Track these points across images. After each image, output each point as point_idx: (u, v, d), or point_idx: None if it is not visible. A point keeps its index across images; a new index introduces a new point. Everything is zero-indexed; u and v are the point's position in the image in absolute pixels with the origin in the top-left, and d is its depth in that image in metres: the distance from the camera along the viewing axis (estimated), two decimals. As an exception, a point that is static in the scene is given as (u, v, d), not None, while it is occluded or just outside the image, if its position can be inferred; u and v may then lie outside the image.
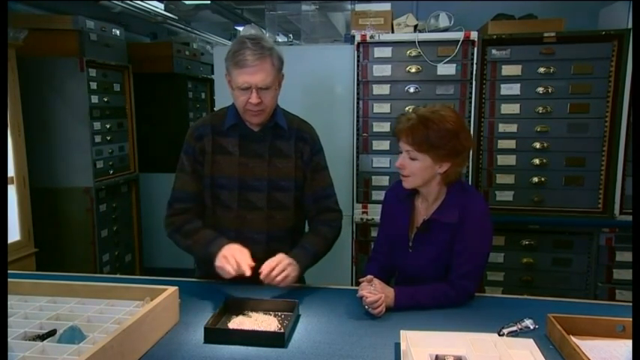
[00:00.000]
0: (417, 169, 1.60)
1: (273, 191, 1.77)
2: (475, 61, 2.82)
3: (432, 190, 1.66)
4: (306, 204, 1.86)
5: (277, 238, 1.80)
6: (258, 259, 1.76)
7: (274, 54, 1.66)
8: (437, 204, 1.66)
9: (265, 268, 1.59)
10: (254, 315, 1.49)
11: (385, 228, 1.82)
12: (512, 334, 1.34)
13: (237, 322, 1.44)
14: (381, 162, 2.97)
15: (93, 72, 3.50)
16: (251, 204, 1.76)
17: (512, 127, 2.89)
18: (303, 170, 1.81)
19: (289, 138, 1.78)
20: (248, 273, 1.55)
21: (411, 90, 2.90)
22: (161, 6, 4.32)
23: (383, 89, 2.93)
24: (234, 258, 1.56)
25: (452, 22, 2.90)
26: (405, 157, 1.61)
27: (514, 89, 2.85)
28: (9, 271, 1.55)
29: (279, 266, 1.60)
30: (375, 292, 1.51)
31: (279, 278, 1.59)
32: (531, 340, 1.29)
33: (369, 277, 1.56)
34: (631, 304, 1.34)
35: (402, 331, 1.29)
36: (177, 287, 1.49)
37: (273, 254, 1.75)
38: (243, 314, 1.50)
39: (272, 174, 1.76)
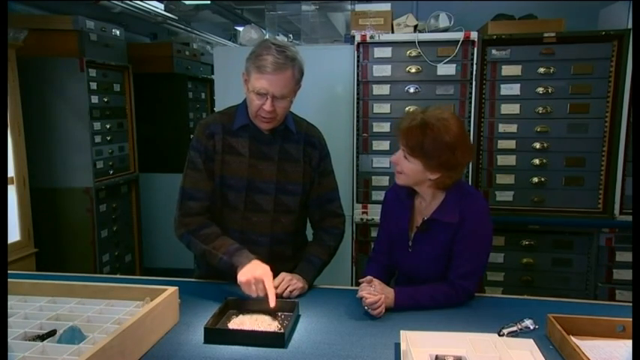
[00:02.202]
0: (408, 169, 1.60)
1: (281, 194, 1.76)
2: (475, 62, 2.82)
3: (426, 191, 1.66)
4: (311, 207, 1.86)
5: (280, 240, 1.80)
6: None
7: (296, 65, 1.64)
8: (436, 204, 1.66)
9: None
10: (254, 315, 1.49)
11: (385, 228, 1.82)
12: (512, 334, 1.34)
13: (237, 323, 1.44)
14: (381, 162, 2.97)
15: (93, 72, 3.50)
16: (258, 206, 1.76)
17: (512, 128, 2.89)
18: (311, 175, 1.81)
19: (298, 142, 1.78)
20: (272, 305, 1.50)
21: (411, 90, 2.90)
22: (161, 6, 4.32)
23: (383, 89, 2.93)
24: (263, 284, 1.51)
25: (452, 23, 2.90)
26: (401, 154, 1.62)
27: (514, 89, 2.86)
28: (9, 272, 1.55)
29: (283, 284, 1.64)
30: (374, 292, 1.51)
31: (285, 295, 1.62)
32: (531, 341, 1.29)
33: (368, 277, 1.56)
34: (631, 304, 1.34)
35: (402, 332, 1.29)
36: (177, 287, 1.49)
37: (275, 257, 1.77)
38: (243, 314, 1.50)
39: (280, 177, 1.75)
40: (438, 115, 1.56)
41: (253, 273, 1.53)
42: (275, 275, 1.69)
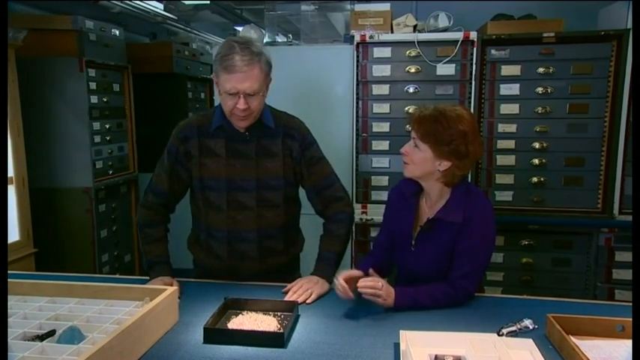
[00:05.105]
0: (418, 158, 1.60)
1: (262, 190, 1.77)
2: (474, 62, 2.83)
3: (433, 187, 1.66)
4: (311, 198, 1.87)
5: (269, 235, 1.81)
6: (252, 258, 1.79)
7: (262, 59, 1.64)
8: (441, 203, 1.66)
9: (289, 294, 1.65)
10: (253, 315, 1.49)
11: (388, 225, 1.82)
12: (511, 334, 1.35)
13: (237, 323, 1.44)
14: (380, 162, 2.97)
15: (92, 72, 3.49)
16: (240, 204, 1.77)
17: (512, 128, 2.89)
18: (294, 167, 1.80)
19: (276, 136, 1.77)
20: None
21: (411, 90, 2.90)
22: (160, 6, 4.31)
23: (382, 89, 2.93)
24: None
25: (451, 23, 2.90)
26: (411, 144, 1.62)
27: (513, 89, 2.86)
28: (8, 272, 1.54)
29: (301, 289, 1.66)
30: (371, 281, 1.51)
31: (302, 297, 1.63)
32: (531, 340, 1.29)
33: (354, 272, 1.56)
34: (630, 304, 1.34)
35: (401, 331, 1.29)
36: (176, 287, 1.50)
37: (265, 252, 1.80)
38: (243, 314, 1.49)
39: (260, 174, 1.76)
40: (450, 108, 1.61)
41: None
42: (267, 271, 1.75)
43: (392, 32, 2.95)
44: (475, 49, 2.82)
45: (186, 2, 4.32)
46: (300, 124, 1.84)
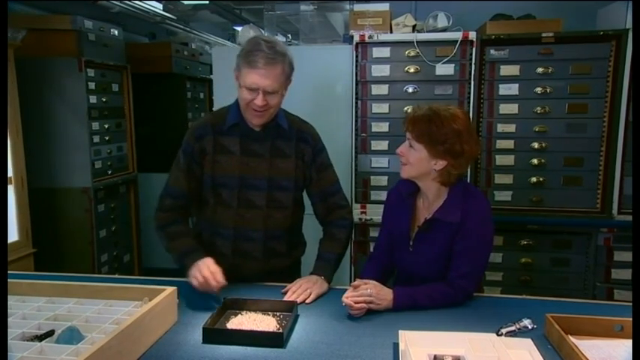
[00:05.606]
0: (414, 158, 1.61)
1: (273, 190, 1.78)
2: (474, 62, 2.83)
3: (430, 187, 1.66)
4: (315, 203, 1.88)
5: (274, 236, 1.82)
6: (255, 258, 1.80)
7: (286, 60, 1.66)
8: (438, 203, 1.66)
9: (288, 294, 1.66)
10: (252, 315, 1.49)
11: (387, 226, 1.83)
12: (510, 334, 1.35)
13: (236, 323, 1.44)
14: (379, 162, 2.97)
15: (91, 72, 3.49)
16: (250, 203, 1.78)
17: (511, 128, 2.89)
18: (304, 171, 1.82)
19: (290, 138, 1.79)
20: (215, 290, 1.58)
21: (410, 90, 2.90)
22: (160, 6, 4.31)
23: (381, 89, 2.93)
24: (208, 270, 1.58)
25: (450, 23, 2.90)
26: (406, 144, 1.63)
27: (512, 89, 2.86)
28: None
29: (300, 289, 1.66)
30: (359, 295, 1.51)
31: (301, 297, 1.63)
32: (530, 340, 1.29)
33: (356, 282, 1.56)
34: (629, 303, 1.34)
35: (400, 331, 1.29)
36: (175, 287, 1.49)
37: (269, 252, 1.81)
38: (242, 314, 1.50)
39: (272, 173, 1.77)
40: (443, 107, 1.61)
41: (199, 265, 1.60)
42: (269, 272, 1.75)
43: (391, 32, 2.95)
44: (474, 49, 2.82)
45: (186, 2, 4.31)
46: (312, 130, 1.86)
